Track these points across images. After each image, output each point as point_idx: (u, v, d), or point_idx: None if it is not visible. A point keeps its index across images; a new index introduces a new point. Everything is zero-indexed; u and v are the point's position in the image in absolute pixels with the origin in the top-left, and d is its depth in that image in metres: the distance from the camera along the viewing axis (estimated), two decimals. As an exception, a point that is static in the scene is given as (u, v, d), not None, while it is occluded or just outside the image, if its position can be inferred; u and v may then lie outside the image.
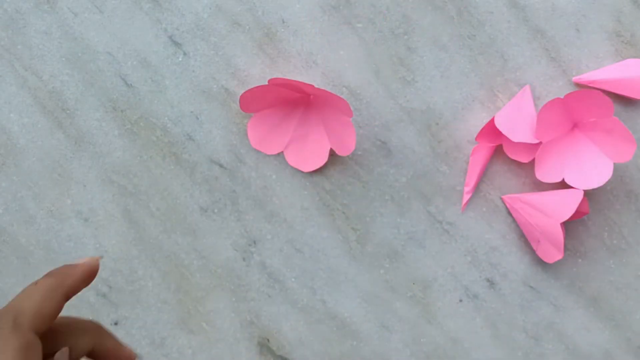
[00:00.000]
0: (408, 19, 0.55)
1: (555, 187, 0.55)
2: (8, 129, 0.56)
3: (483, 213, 0.56)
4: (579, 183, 0.52)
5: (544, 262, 0.54)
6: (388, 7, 0.54)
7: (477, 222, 0.56)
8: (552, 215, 0.52)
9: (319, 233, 0.55)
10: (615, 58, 0.54)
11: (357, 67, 0.55)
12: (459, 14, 0.54)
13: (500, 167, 0.55)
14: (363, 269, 0.56)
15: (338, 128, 0.53)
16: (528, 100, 0.54)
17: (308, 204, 0.56)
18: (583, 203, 0.52)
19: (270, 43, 0.55)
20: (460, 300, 0.56)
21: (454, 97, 0.55)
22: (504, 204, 0.55)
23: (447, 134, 0.55)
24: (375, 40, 0.55)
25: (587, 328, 0.55)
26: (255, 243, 0.56)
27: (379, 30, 0.55)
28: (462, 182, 0.56)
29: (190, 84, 0.55)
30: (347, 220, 0.56)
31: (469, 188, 0.55)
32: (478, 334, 0.56)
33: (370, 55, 0.55)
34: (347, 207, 0.56)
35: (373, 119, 0.55)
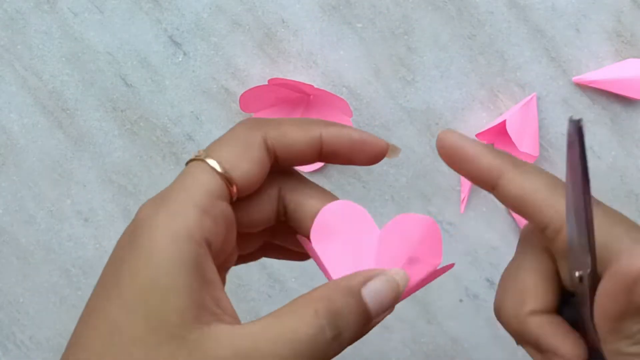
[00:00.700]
0: (408, 19, 0.55)
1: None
2: (8, 129, 0.56)
3: (483, 213, 0.56)
4: None
5: (544, 262, 0.54)
6: (388, 7, 0.54)
7: (477, 222, 0.56)
8: (552, 216, 0.52)
9: (319, 233, 0.55)
10: (615, 58, 0.54)
11: (357, 67, 0.55)
12: (459, 14, 0.54)
13: (500, 167, 0.55)
14: (363, 269, 0.56)
15: (338, 128, 0.53)
16: (533, 110, 0.54)
17: (308, 204, 0.56)
18: (583, 203, 0.52)
19: (270, 43, 0.55)
20: (461, 300, 0.56)
21: (454, 97, 0.55)
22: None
23: (447, 134, 0.55)
24: (375, 40, 0.55)
25: (587, 328, 0.55)
26: (255, 243, 0.56)
27: (379, 30, 0.55)
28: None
29: (190, 84, 0.55)
30: (347, 220, 0.56)
31: (465, 188, 0.55)
32: (478, 334, 0.56)
33: (370, 55, 0.55)
34: (347, 207, 0.56)
35: (373, 119, 0.55)
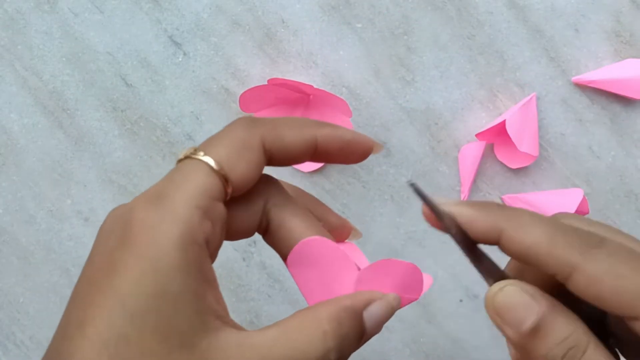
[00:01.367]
0: (408, 19, 0.55)
1: (555, 187, 0.55)
2: (8, 129, 0.56)
3: (483, 213, 0.56)
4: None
5: (544, 262, 0.54)
6: (387, 7, 0.55)
7: (476, 222, 0.56)
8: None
9: (319, 233, 0.55)
10: (615, 58, 0.54)
11: (357, 67, 0.55)
12: (459, 14, 0.54)
13: (500, 166, 0.56)
14: (363, 269, 0.56)
15: (338, 128, 0.53)
16: (533, 110, 0.54)
17: (308, 204, 0.56)
18: (583, 203, 0.52)
19: (270, 43, 0.55)
20: (461, 300, 0.56)
21: (454, 97, 0.55)
22: (504, 204, 0.56)
23: (446, 134, 0.55)
24: (375, 41, 0.55)
25: (587, 328, 0.55)
26: (255, 243, 0.56)
27: (379, 30, 0.55)
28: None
29: (190, 84, 0.55)
30: (347, 220, 0.56)
31: (465, 187, 0.55)
32: (478, 334, 0.56)
33: (370, 55, 0.55)
34: (347, 207, 0.56)
35: (373, 119, 0.55)
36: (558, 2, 0.54)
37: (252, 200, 0.30)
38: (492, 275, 0.30)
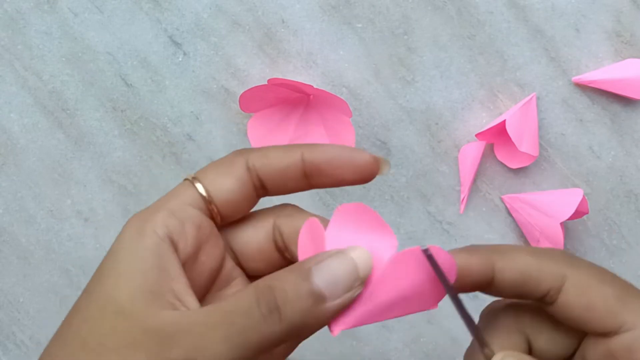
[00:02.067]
0: (408, 19, 0.55)
1: (555, 187, 0.55)
2: (8, 129, 0.56)
3: (483, 213, 0.56)
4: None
5: (544, 262, 0.54)
6: (388, 7, 0.55)
7: (477, 222, 0.56)
8: (551, 215, 0.52)
9: (319, 233, 0.55)
10: (615, 58, 0.54)
11: (357, 67, 0.55)
12: (459, 14, 0.54)
13: (500, 166, 0.55)
14: (363, 269, 0.56)
15: (338, 128, 0.53)
16: (533, 110, 0.54)
17: (308, 205, 0.56)
18: (583, 203, 0.52)
19: (270, 43, 0.55)
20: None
21: (454, 97, 0.55)
22: (504, 204, 0.56)
23: (447, 134, 0.55)
24: (375, 40, 0.55)
25: (587, 328, 0.55)
26: (255, 243, 0.56)
27: (379, 30, 0.55)
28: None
29: (190, 84, 0.55)
30: (347, 220, 0.56)
31: (465, 187, 0.55)
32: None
33: (370, 55, 0.55)
34: (347, 207, 0.56)
35: (373, 119, 0.55)
36: (558, 2, 0.54)
37: (260, 219, 0.32)
38: (481, 341, 0.30)
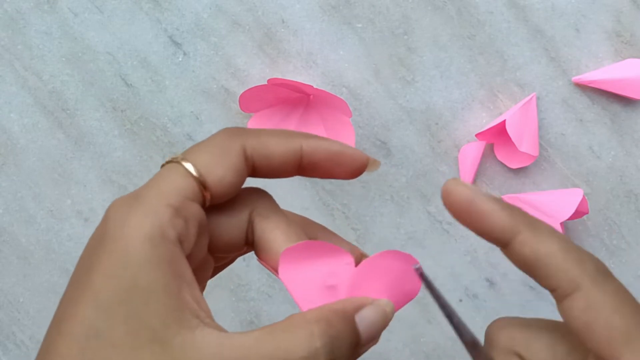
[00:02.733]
0: (408, 19, 0.55)
1: (555, 187, 0.55)
2: (8, 129, 0.56)
3: (483, 213, 0.56)
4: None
5: (544, 262, 0.54)
6: (388, 7, 0.55)
7: (477, 222, 0.56)
8: (552, 215, 0.52)
9: (319, 233, 0.55)
10: (615, 58, 0.54)
11: (357, 67, 0.55)
12: (459, 14, 0.54)
13: (500, 166, 0.56)
14: (363, 269, 0.56)
15: (337, 128, 0.53)
16: (533, 110, 0.54)
17: (308, 204, 0.56)
18: (583, 203, 0.52)
19: (270, 43, 0.55)
20: (460, 300, 0.56)
21: (454, 97, 0.55)
22: (504, 204, 0.55)
23: (447, 134, 0.55)
24: (375, 40, 0.55)
25: (587, 328, 0.55)
26: (255, 243, 0.56)
27: (379, 30, 0.55)
28: (462, 182, 0.56)
29: (190, 84, 0.55)
30: (347, 220, 0.56)
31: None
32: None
33: (370, 55, 0.55)
34: (347, 207, 0.56)
35: (373, 119, 0.55)
36: (558, 2, 0.54)
37: (237, 210, 0.30)
38: (474, 350, 0.30)
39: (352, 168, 0.31)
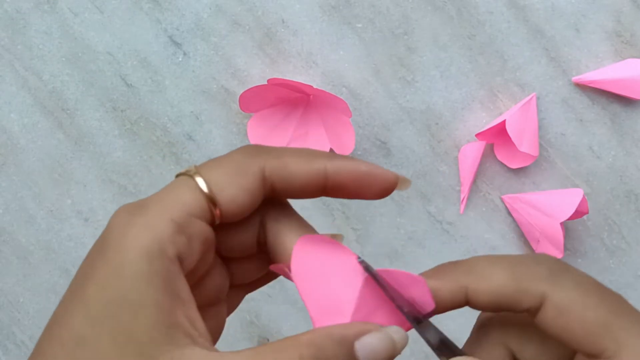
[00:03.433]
0: (408, 19, 0.55)
1: (555, 187, 0.55)
2: (8, 129, 0.56)
3: (483, 213, 0.56)
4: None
5: (544, 262, 0.54)
6: (388, 7, 0.55)
7: (477, 222, 0.56)
8: (551, 215, 0.52)
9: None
10: (615, 58, 0.54)
11: (357, 67, 0.55)
12: (459, 14, 0.54)
13: (500, 166, 0.56)
14: (363, 269, 0.56)
15: (338, 128, 0.53)
16: (533, 110, 0.54)
17: (308, 204, 0.56)
18: (583, 203, 0.52)
19: (270, 43, 0.55)
20: (460, 300, 0.56)
21: (454, 97, 0.55)
22: (504, 204, 0.56)
23: (447, 134, 0.55)
24: (375, 40, 0.55)
25: (587, 328, 0.55)
26: (255, 243, 0.56)
27: (379, 30, 0.55)
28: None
29: (190, 84, 0.55)
30: (347, 220, 0.56)
31: (465, 187, 0.55)
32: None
33: (370, 55, 0.55)
34: (347, 207, 0.56)
35: (373, 119, 0.55)
36: (558, 2, 0.54)
37: (247, 218, 0.29)
38: (444, 351, 0.29)
39: (381, 189, 0.29)
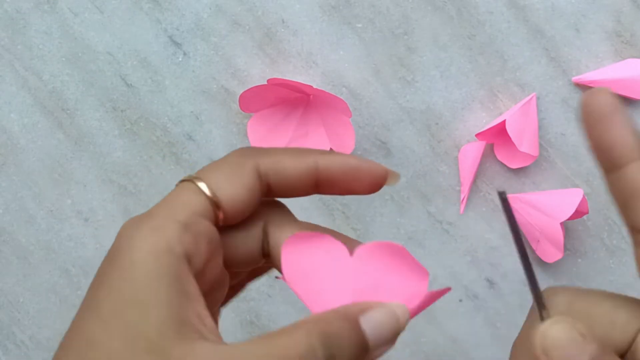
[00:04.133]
0: (408, 19, 0.55)
1: (555, 187, 0.55)
2: (8, 129, 0.56)
3: (483, 213, 0.56)
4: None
5: (544, 261, 0.54)
6: (388, 7, 0.55)
7: (477, 222, 0.56)
8: (551, 215, 0.52)
9: (319, 233, 0.55)
10: (615, 58, 0.54)
11: (357, 67, 0.55)
12: (459, 14, 0.54)
13: (500, 166, 0.56)
14: (363, 269, 0.56)
15: (338, 128, 0.53)
16: (533, 110, 0.54)
17: (308, 204, 0.56)
18: (583, 203, 0.52)
19: (270, 43, 0.55)
20: (460, 300, 0.56)
21: (454, 97, 0.55)
22: (504, 204, 0.55)
23: (447, 134, 0.55)
24: (375, 40, 0.55)
25: (587, 328, 0.55)
26: (255, 243, 0.56)
27: (379, 30, 0.55)
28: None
29: (190, 84, 0.55)
30: (347, 220, 0.56)
31: (465, 187, 0.55)
32: (478, 334, 0.56)
33: (370, 55, 0.55)
34: (347, 207, 0.56)
35: (373, 119, 0.55)
36: (558, 2, 0.54)
37: (251, 221, 0.30)
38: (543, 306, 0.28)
39: (370, 183, 0.30)
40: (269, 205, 0.31)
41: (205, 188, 0.28)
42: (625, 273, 0.56)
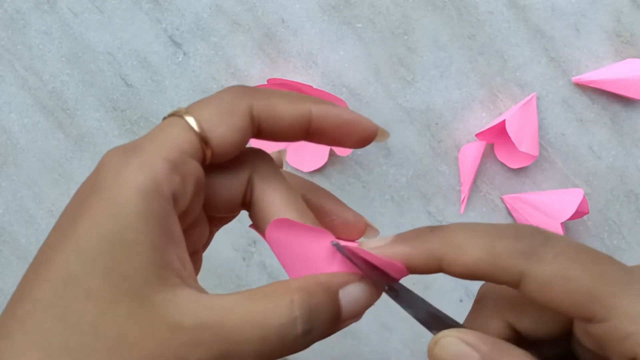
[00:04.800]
0: (408, 19, 0.55)
1: (555, 187, 0.55)
2: (8, 129, 0.56)
3: (483, 213, 0.56)
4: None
5: (544, 262, 0.54)
6: (388, 7, 0.55)
7: (476, 222, 0.56)
8: (552, 215, 0.52)
9: (319, 233, 0.55)
10: (615, 58, 0.54)
11: (357, 67, 0.55)
12: (459, 14, 0.54)
13: (500, 166, 0.55)
14: (363, 269, 0.56)
15: (338, 128, 0.53)
16: (533, 110, 0.54)
17: (308, 204, 0.56)
18: (583, 203, 0.52)
19: (270, 43, 0.55)
20: (461, 301, 0.56)
21: (454, 97, 0.55)
22: (504, 204, 0.56)
23: (447, 134, 0.55)
24: (375, 40, 0.55)
25: (587, 328, 0.55)
26: (255, 243, 0.56)
27: (379, 30, 0.55)
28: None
29: (190, 84, 0.55)
30: (347, 220, 0.56)
31: (465, 187, 0.55)
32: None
33: (370, 55, 0.55)
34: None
35: (373, 119, 0.55)
36: (558, 2, 0.54)
37: (237, 170, 0.29)
38: (434, 324, 0.29)
39: (361, 137, 0.30)
40: (257, 155, 0.30)
41: (195, 124, 0.26)
42: (625, 273, 0.56)
